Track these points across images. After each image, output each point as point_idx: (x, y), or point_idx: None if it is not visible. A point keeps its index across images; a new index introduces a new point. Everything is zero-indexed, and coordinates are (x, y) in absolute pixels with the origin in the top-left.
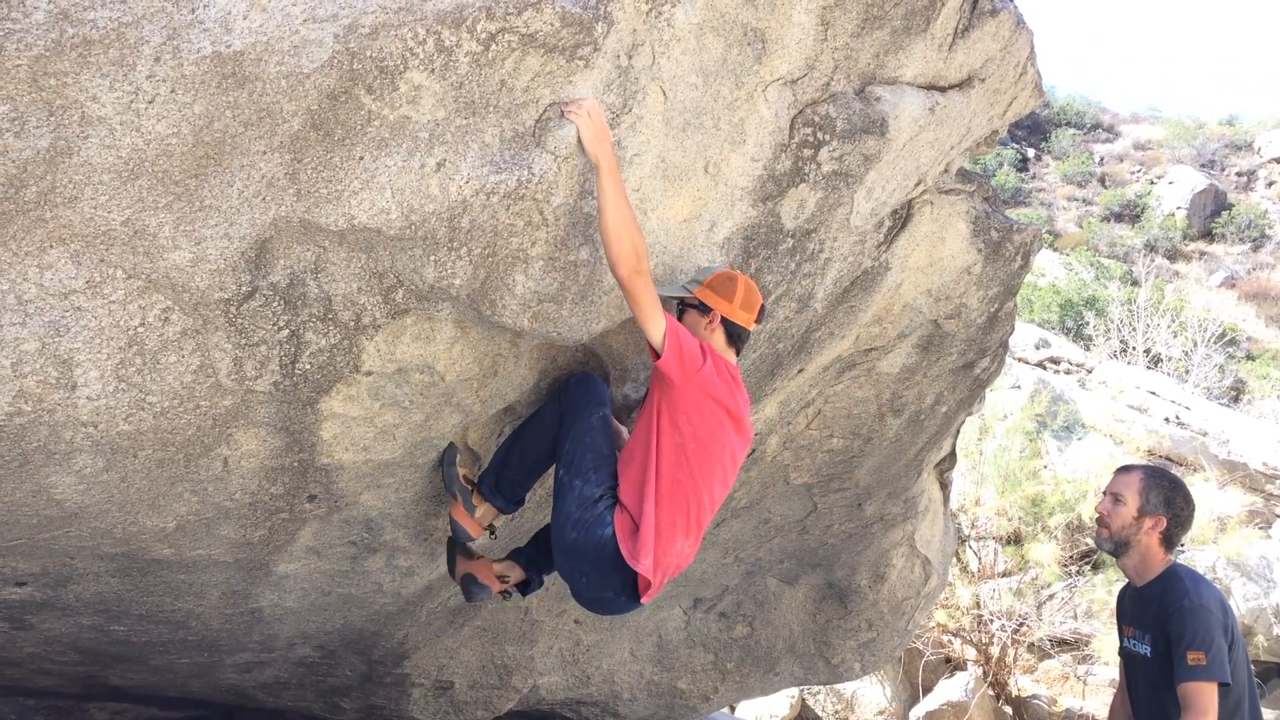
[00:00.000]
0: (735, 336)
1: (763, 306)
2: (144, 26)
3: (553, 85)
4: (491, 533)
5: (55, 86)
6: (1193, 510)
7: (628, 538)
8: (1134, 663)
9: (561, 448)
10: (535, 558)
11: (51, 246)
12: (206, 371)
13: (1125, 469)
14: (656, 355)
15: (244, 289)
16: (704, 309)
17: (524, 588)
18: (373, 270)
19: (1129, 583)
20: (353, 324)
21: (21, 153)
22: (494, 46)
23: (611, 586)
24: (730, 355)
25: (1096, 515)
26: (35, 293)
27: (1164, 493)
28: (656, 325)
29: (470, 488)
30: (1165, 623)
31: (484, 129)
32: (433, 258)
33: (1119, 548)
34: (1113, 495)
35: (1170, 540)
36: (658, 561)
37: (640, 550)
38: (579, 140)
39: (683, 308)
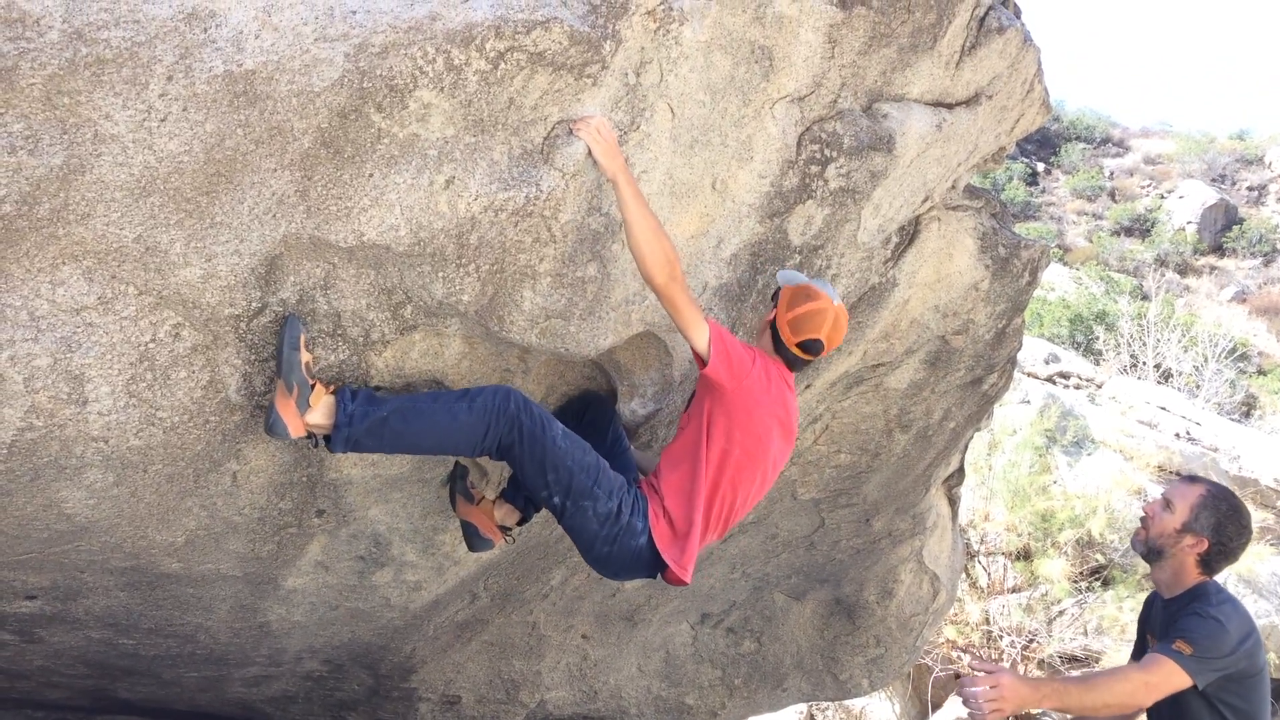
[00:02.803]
0: (779, 349)
1: (816, 340)
2: (157, 46)
3: (561, 103)
4: (314, 442)
5: (69, 105)
6: (1244, 543)
7: (668, 541)
8: None
9: (539, 476)
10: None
11: (64, 263)
12: (216, 387)
13: (1191, 479)
14: (703, 363)
15: (254, 305)
16: (775, 298)
17: (520, 523)
18: (381, 287)
19: (1155, 596)
20: (361, 340)
21: (35, 170)
22: (503, 65)
23: (642, 574)
24: (778, 360)
25: (1140, 515)
26: (47, 309)
27: (1217, 517)
28: (700, 331)
29: (313, 384)
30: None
31: (492, 146)
32: (441, 274)
33: (1151, 554)
34: (1164, 500)
35: (1209, 566)
36: (697, 562)
37: (686, 556)
38: (589, 157)
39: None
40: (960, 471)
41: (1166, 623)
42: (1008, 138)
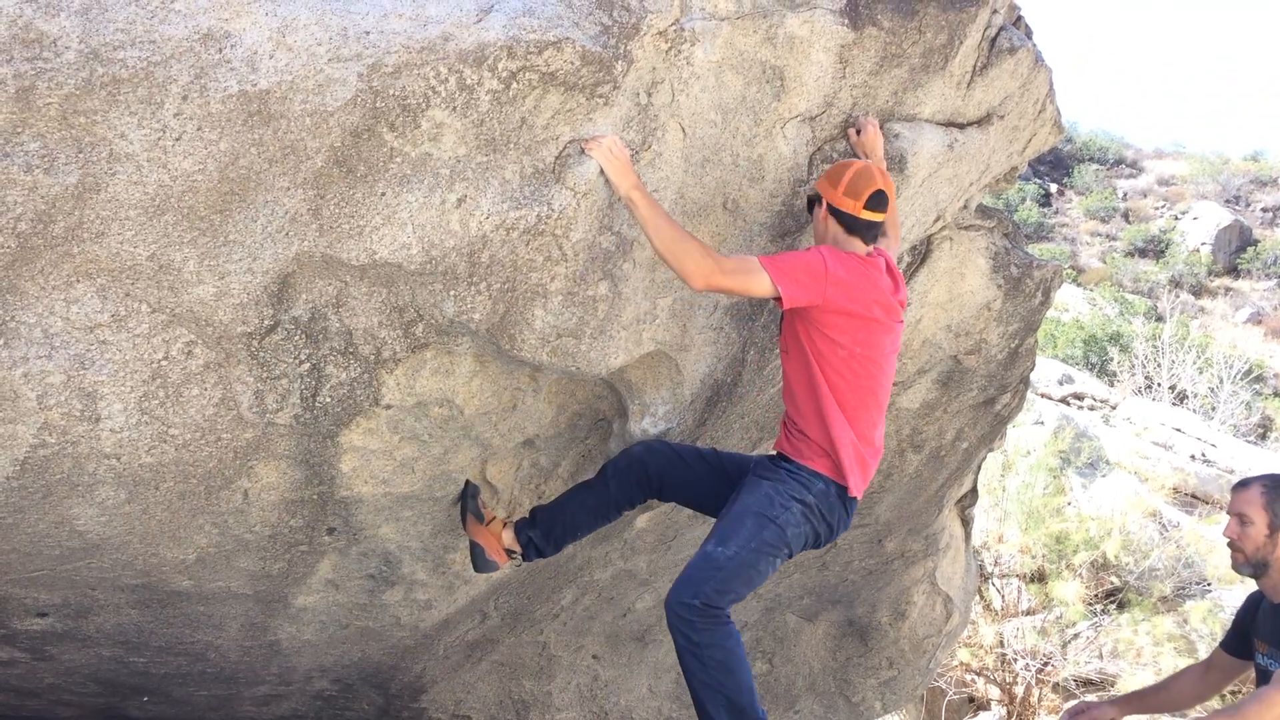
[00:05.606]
0: (851, 226)
1: (879, 192)
2: (172, 66)
3: (573, 122)
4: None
5: (84, 124)
6: None
7: (836, 466)
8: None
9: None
10: (534, 539)
11: (78, 281)
12: (228, 404)
13: (1243, 484)
14: (779, 301)
15: (266, 323)
16: (817, 199)
17: (522, 557)
18: (393, 304)
19: (1262, 595)
20: (373, 358)
21: (51, 189)
22: (515, 85)
23: (841, 514)
24: (856, 245)
25: (1227, 540)
26: (62, 326)
27: None
28: (760, 282)
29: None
30: None
31: (504, 165)
32: (453, 292)
33: (1258, 570)
34: (1238, 516)
35: None
36: (864, 471)
37: (851, 472)
38: (601, 176)
39: (811, 204)
40: (973, 492)
41: None
42: (1020, 157)
